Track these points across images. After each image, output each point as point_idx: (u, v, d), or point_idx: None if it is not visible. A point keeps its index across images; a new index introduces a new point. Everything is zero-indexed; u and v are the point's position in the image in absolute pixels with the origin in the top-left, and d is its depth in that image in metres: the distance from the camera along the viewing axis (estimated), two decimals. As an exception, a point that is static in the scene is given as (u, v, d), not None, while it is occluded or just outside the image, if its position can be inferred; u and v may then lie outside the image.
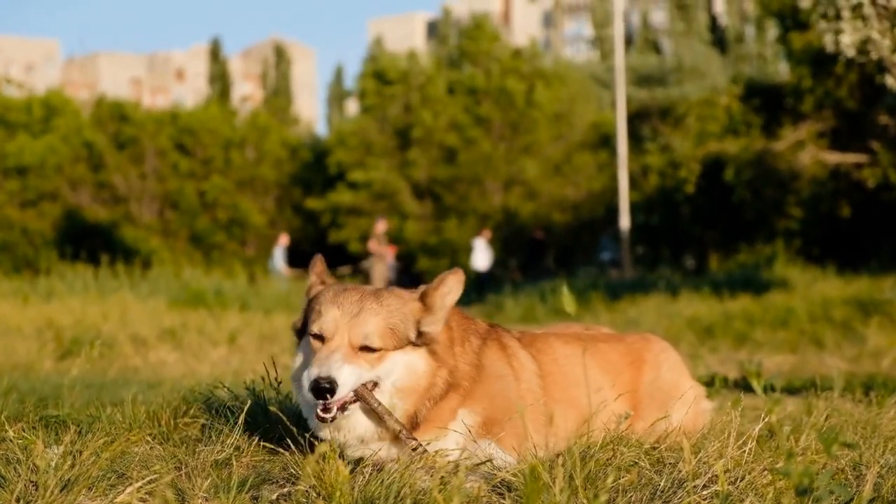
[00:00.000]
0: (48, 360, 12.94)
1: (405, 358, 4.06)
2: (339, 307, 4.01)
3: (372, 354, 3.97)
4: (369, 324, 3.97)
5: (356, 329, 3.96)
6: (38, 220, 45.81)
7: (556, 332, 4.94)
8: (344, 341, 3.95)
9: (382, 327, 3.99)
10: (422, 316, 4.13)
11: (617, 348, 4.98)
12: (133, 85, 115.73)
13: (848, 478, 3.99)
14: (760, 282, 22.29)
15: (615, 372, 4.82)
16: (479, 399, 4.22)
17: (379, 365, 3.99)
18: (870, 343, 13.32)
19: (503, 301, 23.15)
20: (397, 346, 4.03)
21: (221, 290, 22.29)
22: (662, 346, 5.11)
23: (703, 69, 55.58)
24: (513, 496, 3.64)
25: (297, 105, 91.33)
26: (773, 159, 31.18)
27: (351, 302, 4.03)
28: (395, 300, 4.11)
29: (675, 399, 4.81)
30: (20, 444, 4.09)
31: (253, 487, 3.77)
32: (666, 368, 4.98)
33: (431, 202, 47.08)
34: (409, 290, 4.23)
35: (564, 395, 4.56)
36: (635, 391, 4.86)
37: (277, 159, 52.35)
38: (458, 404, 4.18)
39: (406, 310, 4.10)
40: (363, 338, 3.96)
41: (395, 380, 4.04)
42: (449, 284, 4.19)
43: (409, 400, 4.06)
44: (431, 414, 4.11)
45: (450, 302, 4.19)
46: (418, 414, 4.08)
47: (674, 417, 4.67)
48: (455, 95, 48.40)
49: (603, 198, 44.93)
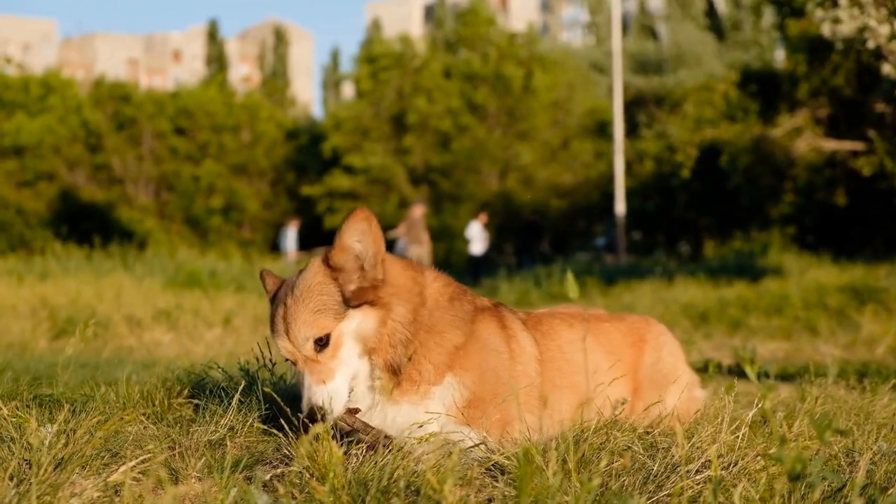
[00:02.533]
0: (42, 339, 12.92)
1: (352, 324, 3.97)
2: (276, 333, 3.99)
3: (329, 347, 3.92)
4: (301, 328, 3.92)
5: (297, 340, 3.92)
6: (33, 199, 45.78)
7: (561, 314, 4.86)
8: (303, 358, 3.93)
9: (311, 319, 3.92)
10: (336, 277, 4.00)
11: (619, 328, 4.96)
12: (130, 65, 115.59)
13: (841, 464, 4.00)
14: (755, 268, 22.32)
15: (617, 353, 4.81)
16: (470, 368, 4.15)
17: (340, 351, 3.95)
18: (864, 330, 13.32)
19: (498, 285, 23.12)
20: (338, 317, 3.95)
21: (216, 271, 22.25)
22: (662, 329, 5.11)
23: (699, 55, 55.58)
24: (506, 479, 3.64)
25: (294, 87, 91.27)
26: (769, 146, 31.19)
27: (280, 320, 3.98)
28: (305, 281, 4.00)
29: (671, 383, 4.81)
30: (14, 422, 4.09)
31: (246, 468, 3.78)
32: (666, 352, 4.97)
33: (428, 187, 47.02)
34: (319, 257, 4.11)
35: (567, 381, 4.52)
36: (636, 371, 4.85)
37: (273, 142, 52.30)
38: (447, 364, 4.12)
39: (320, 279, 3.99)
40: (306, 341, 3.92)
41: (357, 350, 3.99)
42: (349, 233, 3.99)
43: (377, 356, 4.01)
44: (414, 366, 4.07)
45: (367, 245, 4.00)
46: (393, 363, 4.03)
47: (668, 401, 4.68)
48: (451, 80, 48.32)
49: (599, 184, 44.97)
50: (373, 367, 4.04)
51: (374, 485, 3.37)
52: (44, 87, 48.95)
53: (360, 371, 4.02)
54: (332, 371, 3.91)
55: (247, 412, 4.42)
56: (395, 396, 4.07)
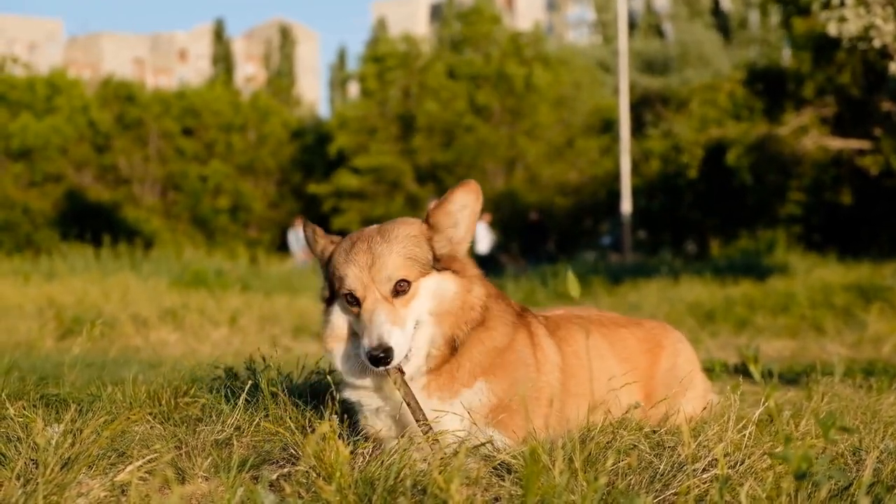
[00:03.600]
0: (49, 338, 12.93)
1: (433, 282, 4.00)
2: (355, 264, 3.96)
3: (406, 294, 3.93)
4: (388, 266, 3.92)
5: (379, 276, 3.92)
6: (40, 199, 45.79)
7: (578, 318, 4.84)
8: (377, 296, 3.91)
9: (401, 262, 3.94)
10: (431, 235, 4.06)
11: (636, 333, 4.95)
12: (136, 65, 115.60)
13: (847, 463, 3.99)
14: (761, 267, 22.29)
15: (632, 359, 4.81)
16: (501, 378, 4.15)
17: (415, 301, 3.95)
18: (870, 329, 13.29)
19: (504, 284, 23.08)
20: (423, 272, 3.98)
21: (222, 271, 22.27)
22: (679, 336, 5.11)
23: (706, 54, 55.49)
24: (512, 478, 3.64)
25: (300, 87, 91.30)
26: (775, 144, 31.17)
27: (363, 252, 3.97)
28: (402, 229, 4.05)
29: (687, 390, 4.80)
30: (21, 422, 4.10)
31: (253, 467, 3.78)
32: (683, 359, 4.97)
33: (434, 186, 47.00)
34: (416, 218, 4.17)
35: (582, 388, 4.50)
36: (651, 377, 4.84)
37: (279, 142, 52.28)
38: (481, 365, 4.12)
39: (415, 233, 4.04)
40: (388, 280, 3.92)
41: (429, 307, 4.00)
42: (456, 199, 4.08)
43: (445, 323, 4.02)
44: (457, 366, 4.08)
45: (464, 218, 4.09)
46: (456, 338, 4.05)
47: (686, 408, 4.68)
48: (456, 80, 48.30)
49: (605, 182, 44.93)
50: (434, 333, 4.04)
51: (381, 484, 3.37)
52: (50, 88, 48.96)
53: (422, 331, 4.01)
54: (403, 318, 3.91)
55: (253, 411, 4.43)
56: (431, 388, 4.08)
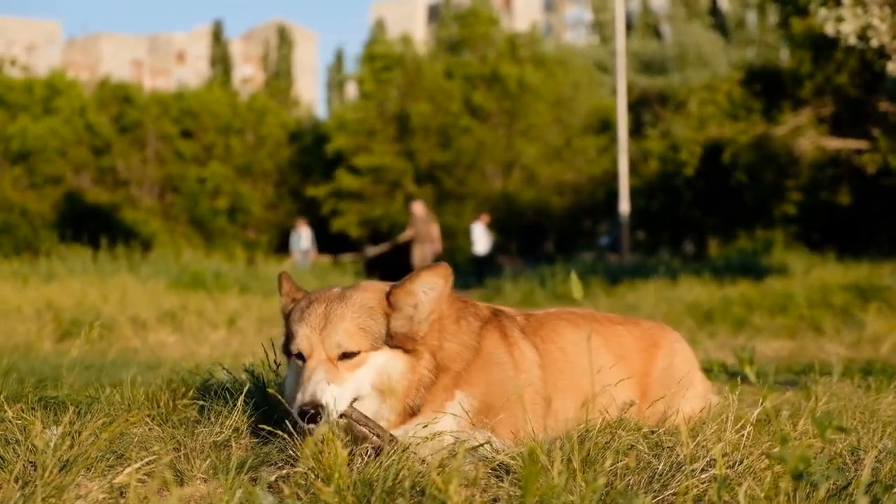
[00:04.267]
0: (47, 341, 12.92)
1: (382, 358, 3.97)
2: (307, 323, 3.95)
3: (351, 360, 3.90)
4: (338, 331, 3.90)
5: (328, 340, 3.89)
6: (38, 201, 45.74)
7: (567, 314, 4.85)
8: (321, 357, 3.89)
9: (352, 330, 3.91)
10: (389, 312, 4.03)
11: (632, 332, 4.95)
12: (134, 66, 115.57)
13: (846, 462, 3.99)
14: (759, 267, 22.30)
15: (626, 356, 4.80)
16: (477, 384, 4.15)
17: (359, 370, 3.91)
18: (868, 329, 13.29)
19: (502, 285, 23.11)
20: (374, 345, 3.95)
21: (221, 272, 22.27)
22: (676, 336, 5.10)
23: (704, 55, 55.53)
24: (511, 479, 3.64)
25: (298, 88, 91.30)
26: (773, 144, 31.18)
27: (317, 314, 3.95)
28: (361, 297, 4.02)
29: (685, 389, 4.80)
30: (19, 424, 4.10)
31: (251, 469, 3.78)
32: (680, 358, 4.96)
33: (432, 187, 47.00)
34: (381, 284, 4.15)
35: (568, 383, 4.49)
36: (646, 376, 4.83)
37: (277, 143, 52.25)
38: (454, 384, 4.11)
39: (374, 304, 4.00)
40: (336, 346, 3.89)
41: (374, 381, 3.96)
42: (422, 281, 4.06)
43: (395, 398, 3.99)
44: (427, 398, 4.05)
45: (429, 300, 4.06)
46: (412, 405, 4.03)
47: (685, 408, 4.68)
48: (452, 81, 48.30)
49: (603, 182, 44.95)
50: (381, 408, 4.00)
51: (380, 485, 3.38)
52: (48, 89, 48.92)
53: (366, 404, 3.97)
54: (343, 378, 3.87)
55: (252, 413, 4.43)
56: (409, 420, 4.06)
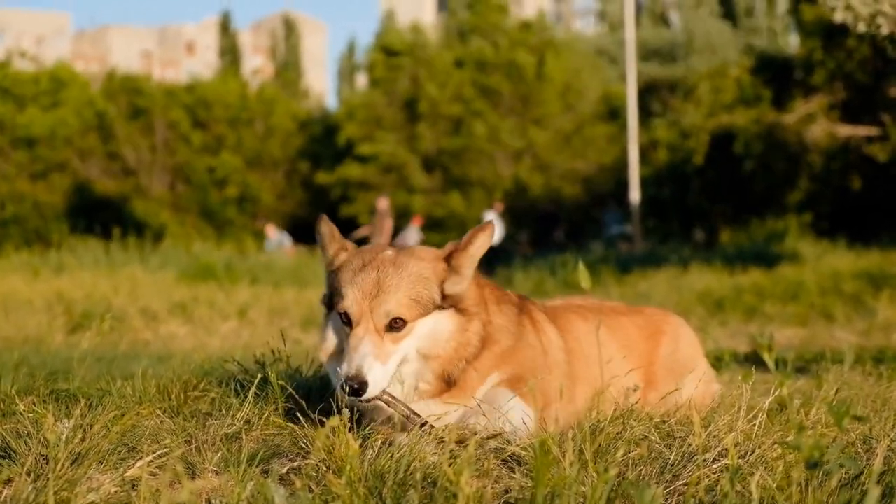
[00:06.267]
0: (58, 333, 12.93)
1: (431, 321, 3.98)
2: (359, 288, 3.93)
3: (399, 332, 3.90)
4: (390, 302, 3.89)
5: (378, 309, 3.89)
6: (48, 192, 45.72)
7: (576, 307, 4.88)
8: (370, 327, 3.88)
9: (405, 301, 3.91)
10: (446, 277, 4.04)
11: (636, 321, 4.97)
12: (143, 58, 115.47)
13: (858, 451, 3.98)
14: (770, 255, 22.26)
15: (632, 345, 4.82)
16: (512, 363, 4.16)
17: (406, 340, 3.92)
18: (880, 316, 13.28)
19: (513, 274, 23.10)
20: (423, 313, 3.95)
21: (232, 263, 22.26)
22: (680, 322, 5.13)
23: (712, 42, 55.30)
24: (523, 469, 3.63)
25: (308, 79, 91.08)
26: (783, 132, 31.13)
27: (370, 281, 3.93)
28: (417, 266, 4.00)
29: (689, 372, 4.81)
30: (31, 417, 4.09)
31: (263, 461, 3.77)
32: (684, 343, 4.99)
33: (440, 175, 46.90)
34: (434, 250, 4.15)
35: (585, 372, 4.53)
36: (652, 363, 4.86)
37: (286, 133, 52.18)
38: (490, 367, 4.11)
39: (429, 274, 4.00)
40: (385, 315, 3.88)
41: (422, 346, 3.97)
42: (478, 243, 4.08)
43: (437, 362, 4.00)
44: (465, 375, 4.06)
45: (477, 259, 4.10)
46: (451, 375, 4.03)
47: (685, 391, 4.67)
48: (463, 69, 48.16)
49: (613, 171, 44.85)
50: (423, 370, 4.02)
51: (391, 477, 3.37)
52: (54, 81, 48.85)
53: (408, 367, 3.99)
54: (388, 355, 3.88)
55: (263, 405, 4.42)
56: (444, 398, 4.07)
